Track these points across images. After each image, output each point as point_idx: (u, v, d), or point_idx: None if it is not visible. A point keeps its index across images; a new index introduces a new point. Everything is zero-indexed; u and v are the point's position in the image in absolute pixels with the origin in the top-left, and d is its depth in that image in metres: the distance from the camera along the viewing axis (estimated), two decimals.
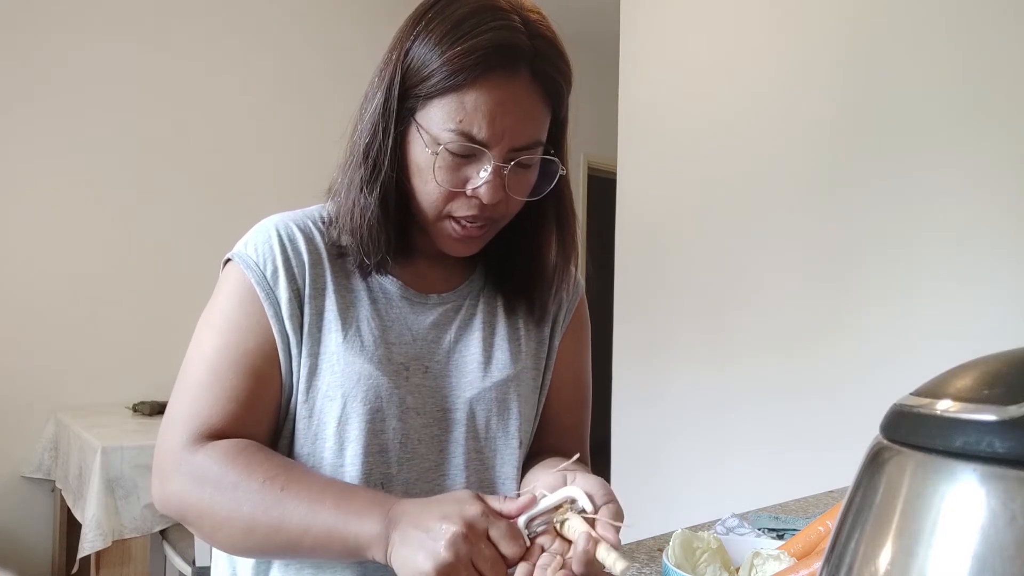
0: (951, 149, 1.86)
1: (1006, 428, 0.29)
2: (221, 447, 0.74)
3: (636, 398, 2.71)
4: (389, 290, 0.85)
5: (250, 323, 0.78)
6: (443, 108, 0.73)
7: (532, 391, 0.90)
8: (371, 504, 0.68)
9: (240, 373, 0.77)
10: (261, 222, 0.85)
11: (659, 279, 2.64)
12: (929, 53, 1.90)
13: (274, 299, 0.79)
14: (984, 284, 1.79)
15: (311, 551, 0.71)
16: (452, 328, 0.87)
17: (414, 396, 0.82)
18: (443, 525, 0.62)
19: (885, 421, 0.35)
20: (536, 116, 0.76)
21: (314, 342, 0.80)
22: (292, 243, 0.82)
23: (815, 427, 2.12)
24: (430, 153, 0.75)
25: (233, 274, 0.81)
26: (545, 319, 0.94)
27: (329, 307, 0.81)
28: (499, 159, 0.75)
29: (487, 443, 0.85)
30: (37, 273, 2.87)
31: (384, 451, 0.80)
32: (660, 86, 2.66)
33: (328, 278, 0.82)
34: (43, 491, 2.87)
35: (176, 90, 3.16)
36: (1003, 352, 0.33)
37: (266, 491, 0.70)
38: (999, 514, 0.28)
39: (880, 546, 0.32)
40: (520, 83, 0.74)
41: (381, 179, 0.77)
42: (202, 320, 0.82)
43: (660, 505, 2.56)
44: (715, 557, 0.78)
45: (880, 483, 0.33)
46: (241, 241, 0.84)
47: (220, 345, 0.78)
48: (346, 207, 0.80)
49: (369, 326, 0.81)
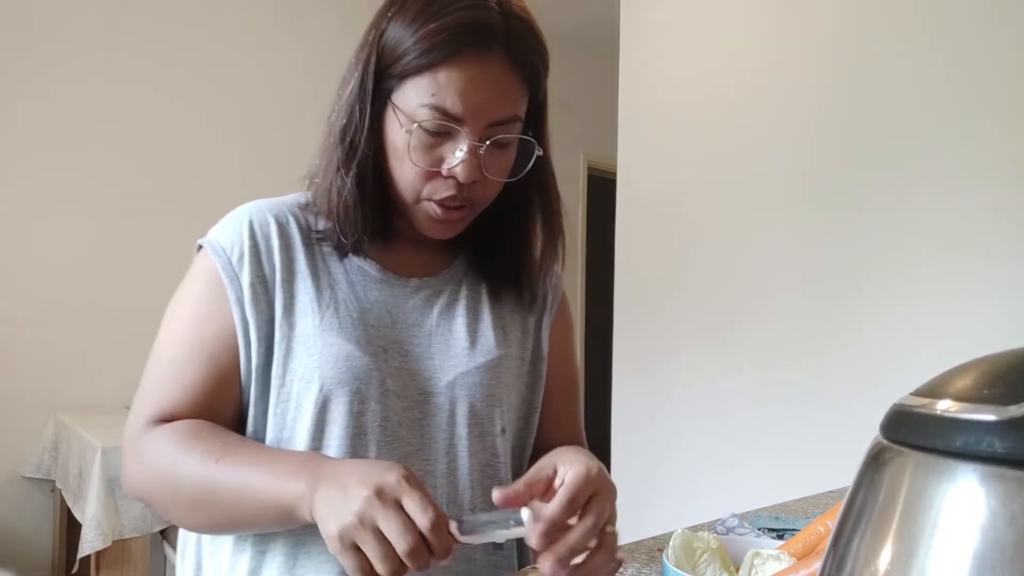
0: (951, 152, 1.85)
1: (1006, 428, 0.29)
2: (167, 428, 0.74)
3: (636, 398, 2.71)
4: (369, 273, 0.84)
5: (211, 310, 0.78)
6: (417, 86, 0.74)
7: (517, 379, 0.89)
8: (302, 465, 0.67)
9: (198, 361, 0.77)
10: (235, 209, 0.85)
11: (659, 279, 2.64)
12: (929, 53, 1.90)
13: (237, 285, 0.78)
14: (984, 285, 1.79)
15: (253, 522, 0.71)
16: (434, 312, 0.86)
17: (394, 379, 0.80)
18: (356, 488, 0.60)
19: (885, 421, 0.35)
20: (511, 94, 0.76)
21: (289, 326, 0.79)
22: (263, 228, 0.81)
23: (815, 427, 2.12)
24: (405, 132, 0.75)
25: (201, 260, 0.81)
26: (533, 306, 0.93)
27: (303, 290, 0.80)
28: (474, 137, 0.74)
29: (471, 428, 0.83)
30: (37, 273, 2.87)
31: (363, 434, 0.78)
32: (660, 85, 2.66)
33: (302, 262, 0.81)
34: (43, 491, 2.86)
35: (182, 88, 3.16)
36: (1003, 352, 0.33)
37: (202, 466, 0.70)
38: (999, 514, 0.28)
39: (880, 546, 0.32)
40: (493, 61, 0.74)
41: (358, 159, 0.77)
42: (171, 305, 0.82)
43: (660, 505, 2.56)
44: (715, 557, 0.78)
45: (880, 483, 0.33)
46: (214, 227, 0.84)
47: (182, 332, 0.78)
48: (323, 187, 0.80)
49: (347, 308, 0.80)
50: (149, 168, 3.10)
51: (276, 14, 3.46)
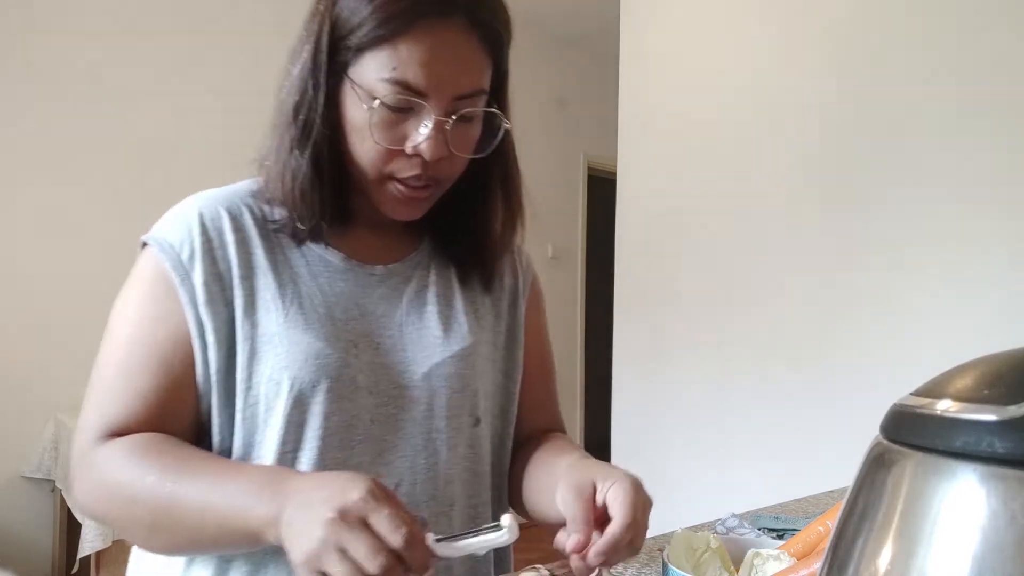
0: (951, 152, 1.85)
1: (1006, 428, 0.29)
2: (120, 444, 0.69)
3: (636, 398, 2.71)
4: (332, 263, 0.79)
5: (161, 312, 0.73)
6: (376, 59, 0.69)
7: (491, 365, 0.86)
8: (265, 484, 0.63)
9: (149, 367, 0.72)
10: (182, 202, 0.79)
11: (659, 279, 2.64)
12: (930, 53, 1.90)
13: (189, 284, 0.73)
14: (984, 285, 1.79)
15: (216, 544, 0.67)
16: (403, 301, 0.81)
17: (366, 374, 0.76)
18: (320, 509, 0.57)
19: (885, 421, 0.35)
20: (475, 64, 0.72)
21: (251, 325, 0.74)
22: (215, 222, 0.76)
23: (815, 426, 2.12)
24: (365, 109, 0.70)
25: (148, 258, 0.76)
26: (504, 287, 0.89)
27: (264, 286, 0.75)
28: (439, 112, 0.70)
29: (447, 422, 0.80)
30: (37, 273, 2.87)
31: (337, 434, 0.74)
32: (660, 85, 2.66)
33: (260, 255, 0.76)
34: (43, 491, 2.86)
35: (181, 88, 3.16)
36: (1003, 352, 0.33)
37: (160, 486, 0.65)
38: (999, 514, 0.28)
39: (880, 546, 0.32)
40: (455, 29, 0.70)
41: (313, 138, 0.73)
42: (115, 308, 0.76)
43: (660, 505, 2.55)
44: (715, 557, 0.78)
45: (880, 483, 0.33)
46: (159, 222, 0.78)
47: (130, 337, 0.73)
48: (276, 170, 0.75)
49: (312, 302, 0.76)
50: (150, 169, 3.10)
51: (272, 19, 3.46)
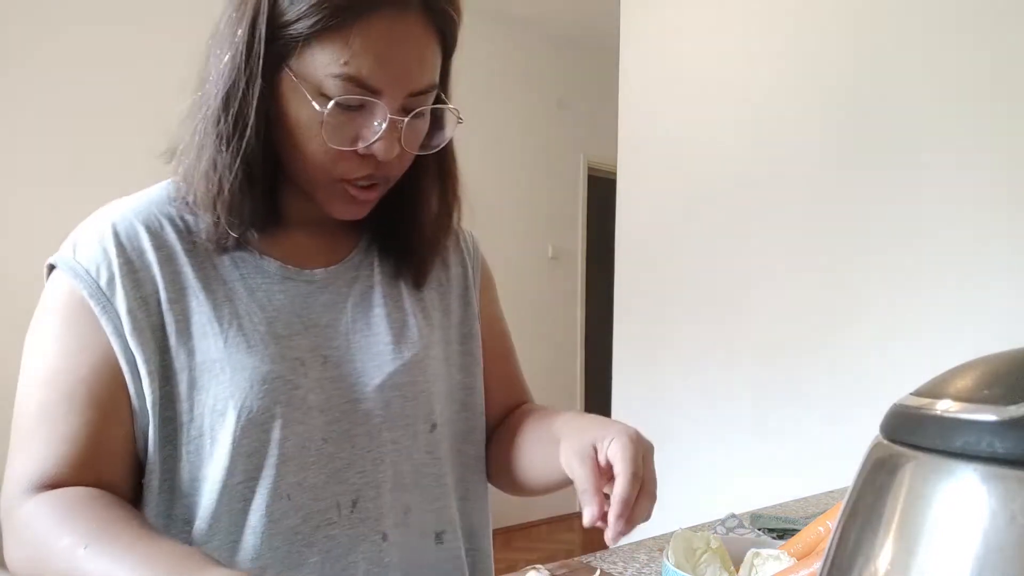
0: (952, 153, 1.86)
1: (1006, 428, 0.29)
2: (46, 500, 0.62)
3: (636, 397, 2.72)
4: (268, 271, 0.72)
5: (82, 344, 0.66)
6: (325, 52, 0.62)
7: (446, 365, 0.81)
8: (171, 569, 0.55)
9: (75, 407, 0.64)
10: (92, 217, 0.72)
11: (659, 279, 2.64)
12: (930, 53, 1.90)
13: (113, 313, 0.66)
14: (985, 285, 1.79)
15: None
16: (348, 307, 0.76)
17: (316, 393, 0.71)
18: None
19: (885, 421, 0.35)
20: (430, 60, 0.67)
21: (187, 353, 0.67)
22: (132, 241, 0.69)
23: (815, 427, 2.12)
24: (315, 107, 0.64)
25: (59, 285, 0.68)
26: (429, 281, 0.83)
27: (197, 308, 0.68)
28: (393, 109, 0.65)
29: (402, 431, 0.75)
30: (37, 273, 2.87)
31: (290, 460, 0.69)
32: (659, 87, 2.67)
33: (189, 274, 0.69)
34: None
35: None
36: (1003, 352, 0.33)
37: (67, 553, 0.58)
38: (999, 514, 0.28)
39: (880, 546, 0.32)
40: (412, 19, 0.64)
41: (246, 136, 0.65)
42: (27, 344, 0.69)
43: (660, 505, 2.55)
44: (715, 557, 0.78)
45: (880, 483, 0.33)
46: (68, 242, 0.70)
47: (49, 374, 0.66)
48: (199, 170, 0.67)
49: (252, 321, 0.69)
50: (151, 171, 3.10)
51: None
